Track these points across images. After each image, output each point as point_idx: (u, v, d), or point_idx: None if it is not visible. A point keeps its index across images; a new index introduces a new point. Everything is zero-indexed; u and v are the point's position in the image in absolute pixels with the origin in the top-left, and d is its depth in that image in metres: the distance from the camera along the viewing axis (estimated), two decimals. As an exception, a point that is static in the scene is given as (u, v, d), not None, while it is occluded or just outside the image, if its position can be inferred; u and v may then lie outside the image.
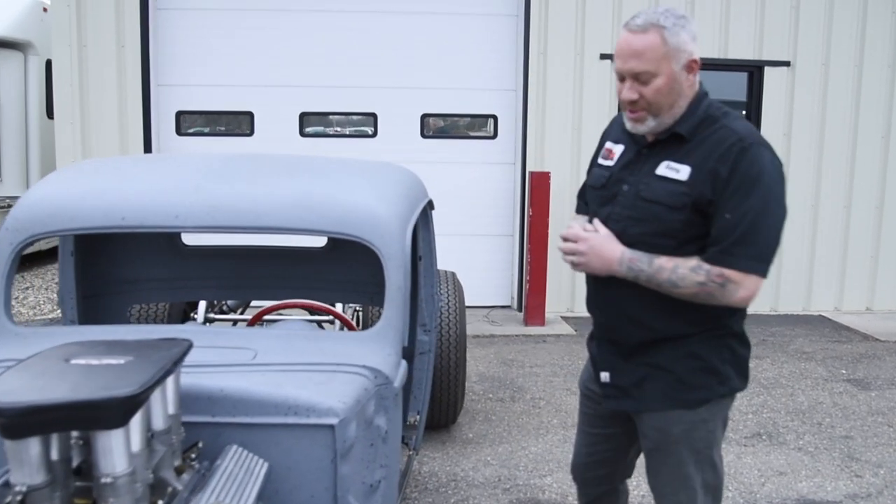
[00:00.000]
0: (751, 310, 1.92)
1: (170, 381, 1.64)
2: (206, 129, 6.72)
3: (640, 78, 1.78)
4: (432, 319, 3.03)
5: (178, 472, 1.66)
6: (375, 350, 2.11)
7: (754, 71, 6.65)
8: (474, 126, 6.79)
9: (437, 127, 6.79)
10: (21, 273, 7.76)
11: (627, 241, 1.85)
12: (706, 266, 1.76)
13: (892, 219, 6.87)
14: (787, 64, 6.61)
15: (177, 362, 1.61)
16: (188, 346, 1.68)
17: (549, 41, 6.44)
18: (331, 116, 6.75)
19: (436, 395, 3.61)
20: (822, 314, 6.76)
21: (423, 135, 6.69)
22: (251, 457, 1.76)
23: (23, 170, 8.66)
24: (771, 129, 6.67)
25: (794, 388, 4.75)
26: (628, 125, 1.87)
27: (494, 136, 6.65)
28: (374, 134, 6.69)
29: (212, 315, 3.82)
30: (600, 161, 2.03)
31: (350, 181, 2.40)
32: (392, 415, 2.08)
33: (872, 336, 6.03)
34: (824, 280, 6.88)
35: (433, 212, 3.01)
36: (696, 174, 1.79)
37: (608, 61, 6.33)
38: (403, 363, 2.17)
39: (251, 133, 6.65)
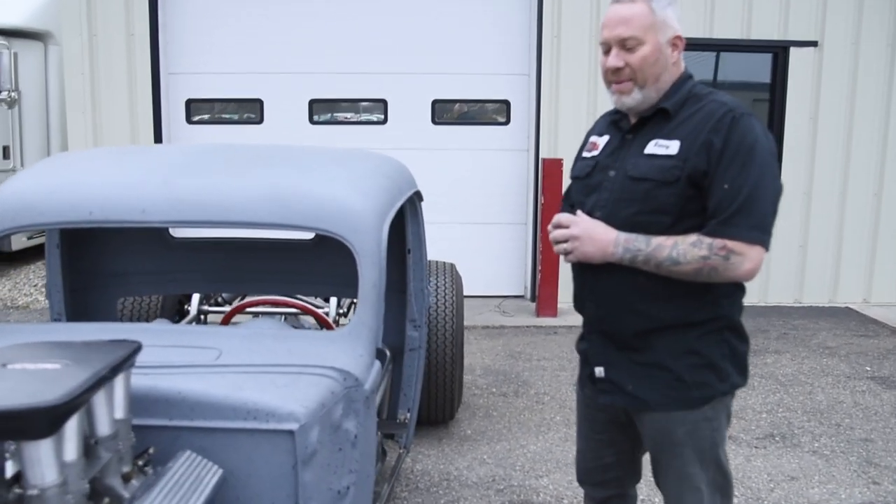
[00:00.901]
0: (774, 301, 1.83)
1: (118, 383, 1.56)
2: (216, 117, 6.66)
3: (626, 44, 1.77)
4: (422, 315, 2.92)
5: (127, 478, 1.59)
6: (346, 350, 2.01)
7: (779, 52, 6.39)
8: (486, 112, 6.64)
9: (462, 112, 6.64)
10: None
11: (618, 223, 1.79)
12: (707, 239, 1.70)
13: (925, 207, 6.58)
14: (814, 44, 6.33)
15: (118, 366, 1.52)
16: (135, 349, 1.59)
17: (562, 24, 6.25)
18: (340, 103, 6.64)
19: (431, 392, 3.51)
20: (850, 306, 6.51)
21: (433, 121, 6.56)
22: (203, 463, 1.67)
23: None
24: (796, 112, 6.43)
25: (814, 385, 4.55)
26: (613, 99, 1.85)
27: (507, 122, 6.49)
28: (385, 121, 6.58)
29: (206, 307, 3.75)
30: (584, 154, 1.99)
31: (325, 173, 2.29)
32: (363, 418, 1.98)
33: (901, 330, 5.79)
34: (852, 270, 6.62)
35: (423, 202, 2.88)
36: (686, 147, 1.74)
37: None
38: (377, 364, 2.07)
39: (261, 121, 6.58)
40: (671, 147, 1.76)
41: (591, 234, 1.78)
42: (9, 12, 8.18)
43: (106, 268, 3.16)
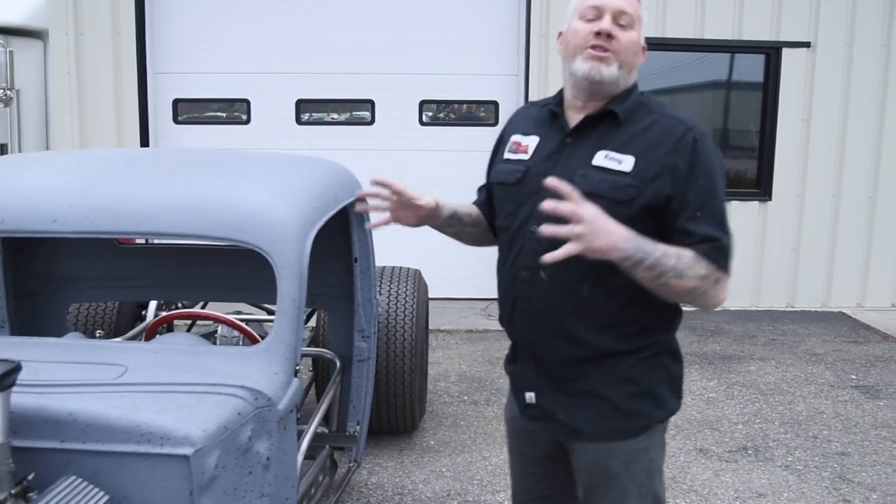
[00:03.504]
0: (765, 305, 1.76)
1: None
2: (203, 117, 6.61)
3: (620, 20, 1.64)
4: (370, 325, 2.84)
5: (2, 506, 1.52)
6: (261, 368, 1.93)
7: (771, 53, 6.24)
8: (474, 112, 6.55)
9: (454, 115, 6.55)
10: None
11: (559, 241, 1.60)
12: (704, 260, 1.58)
13: (922, 210, 6.42)
14: (807, 45, 6.19)
15: (-11, 389, 1.45)
16: (12, 369, 1.52)
17: (551, 23, 6.14)
18: (328, 104, 6.58)
19: (389, 402, 3.43)
20: (843, 311, 6.36)
21: (421, 122, 6.48)
22: (87, 489, 1.60)
23: None
24: (789, 114, 6.29)
25: (795, 394, 4.43)
26: (586, 66, 1.63)
27: (495, 122, 6.38)
28: (372, 121, 6.50)
29: (164, 314, 3.68)
30: (508, 156, 1.78)
31: (251, 180, 2.22)
32: (277, 439, 1.90)
33: (893, 336, 5.64)
34: (846, 274, 6.48)
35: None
36: (643, 166, 1.60)
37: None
38: (295, 382, 1.99)
39: (248, 121, 6.54)
40: (624, 163, 1.60)
41: (605, 224, 1.49)
42: (6, 10, 8.17)
43: (56, 273, 3.10)
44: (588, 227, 1.47)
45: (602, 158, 1.63)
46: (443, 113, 6.60)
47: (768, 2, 6.14)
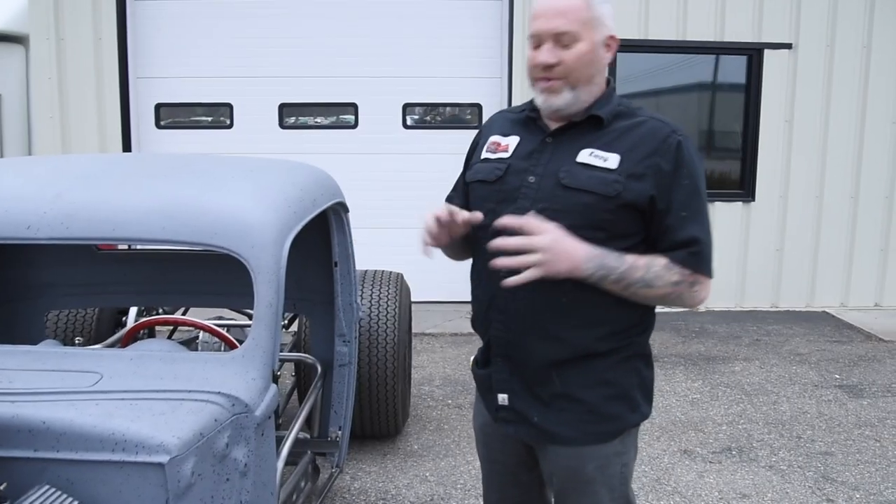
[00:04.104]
0: (750, 305, 1.76)
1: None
2: (186, 122, 6.57)
3: (561, 40, 1.61)
4: (351, 329, 2.82)
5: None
6: (238, 374, 1.91)
7: (753, 54, 6.28)
8: (458, 115, 6.55)
9: (438, 118, 6.54)
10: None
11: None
12: (677, 266, 1.59)
13: (904, 210, 6.47)
14: (788, 46, 6.23)
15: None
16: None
17: (534, 26, 6.15)
18: (311, 107, 6.55)
19: (373, 407, 3.41)
20: (827, 310, 6.40)
21: (405, 125, 6.47)
22: (62, 499, 1.57)
23: None
24: (771, 115, 6.33)
25: (780, 395, 4.45)
26: (539, 99, 1.66)
27: (479, 126, 6.37)
28: (355, 125, 6.48)
29: (141, 320, 3.65)
30: (486, 155, 1.76)
31: (228, 184, 2.20)
32: (255, 445, 1.88)
33: (876, 336, 5.68)
34: (830, 274, 6.52)
35: (348, 214, 2.78)
36: (628, 165, 1.60)
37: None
38: (273, 388, 1.97)
39: (231, 125, 6.50)
40: (610, 160, 1.60)
41: (563, 247, 1.52)
42: (-12, 16, 8.10)
43: (34, 279, 3.07)
44: (545, 255, 1.51)
45: (587, 156, 1.63)
46: (427, 116, 6.59)
47: (750, 3, 6.18)
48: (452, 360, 5.00)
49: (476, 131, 1.95)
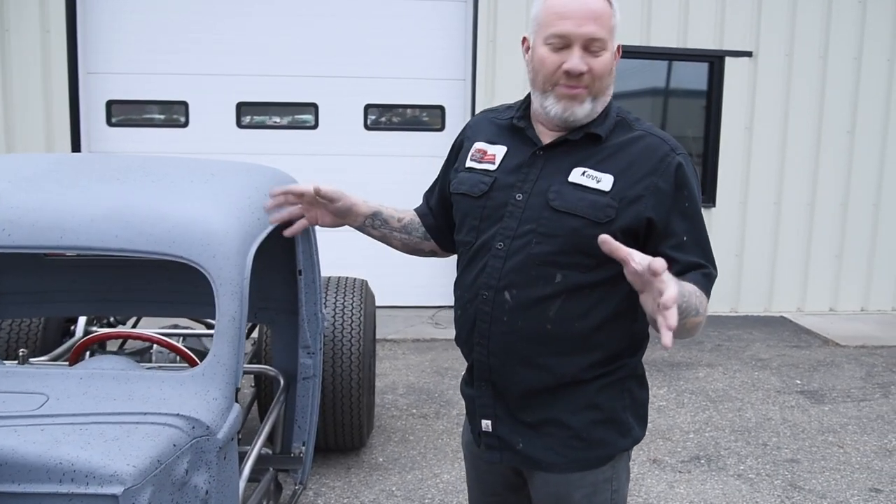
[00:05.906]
0: (710, 310, 1.60)
1: None
2: (139, 120, 6.33)
3: (591, 47, 1.47)
4: (316, 340, 2.70)
5: None
6: (198, 393, 1.78)
7: (715, 61, 6.34)
8: (421, 117, 6.45)
9: (400, 119, 6.42)
10: None
11: (530, 260, 1.49)
12: (700, 289, 1.46)
13: (857, 217, 6.61)
14: (748, 54, 6.30)
15: None
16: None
17: (498, 28, 6.10)
18: (269, 107, 6.38)
19: (337, 419, 3.29)
20: (784, 315, 6.50)
21: (366, 126, 6.35)
22: (0, 539, 1.43)
23: None
24: (732, 122, 6.39)
25: (744, 401, 4.46)
26: (559, 108, 1.50)
27: (442, 128, 6.30)
28: (316, 125, 6.33)
29: (95, 330, 3.45)
30: (471, 164, 1.62)
31: (187, 189, 2.06)
32: (217, 470, 1.75)
33: (833, 340, 5.77)
34: (787, 280, 6.62)
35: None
36: (622, 186, 1.48)
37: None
38: (236, 407, 1.84)
39: (186, 124, 6.28)
40: (603, 181, 1.49)
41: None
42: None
43: (-24, 288, 2.87)
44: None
45: (579, 176, 1.50)
46: (388, 117, 6.48)
47: (712, 11, 6.23)
48: (416, 367, 4.90)
49: (439, 133, 1.83)
